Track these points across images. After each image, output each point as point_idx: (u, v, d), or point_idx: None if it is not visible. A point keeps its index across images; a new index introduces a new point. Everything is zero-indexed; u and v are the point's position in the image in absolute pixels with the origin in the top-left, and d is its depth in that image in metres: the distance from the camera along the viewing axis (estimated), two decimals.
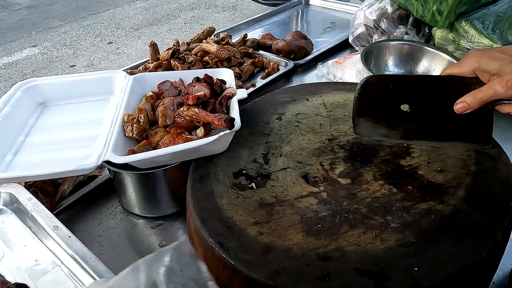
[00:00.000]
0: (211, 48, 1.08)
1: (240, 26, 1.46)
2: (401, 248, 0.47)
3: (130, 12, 5.08)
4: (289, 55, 1.19)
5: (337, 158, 0.62)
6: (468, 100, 0.54)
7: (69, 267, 0.49)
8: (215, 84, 0.74)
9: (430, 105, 0.58)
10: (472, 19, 0.98)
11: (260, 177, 0.59)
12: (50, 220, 0.53)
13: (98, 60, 3.87)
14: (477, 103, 0.53)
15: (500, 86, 0.50)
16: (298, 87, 0.83)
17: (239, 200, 0.55)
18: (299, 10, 1.67)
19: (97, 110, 0.77)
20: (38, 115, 0.77)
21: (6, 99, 0.73)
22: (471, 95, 0.54)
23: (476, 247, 0.47)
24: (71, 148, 0.68)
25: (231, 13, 4.90)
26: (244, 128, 0.68)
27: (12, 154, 0.67)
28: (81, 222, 0.69)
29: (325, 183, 0.58)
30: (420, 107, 0.59)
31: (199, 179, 0.59)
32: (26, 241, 0.53)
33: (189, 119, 0.68)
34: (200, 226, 0.51)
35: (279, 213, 0.53)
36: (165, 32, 4.47)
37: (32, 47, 4.21)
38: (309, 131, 0.69)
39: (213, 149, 0.63)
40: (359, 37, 1.20)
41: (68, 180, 0.72)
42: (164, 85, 0.77)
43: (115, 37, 4.40)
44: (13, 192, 0.57)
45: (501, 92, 0.51)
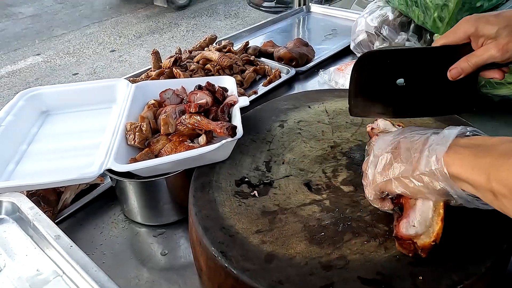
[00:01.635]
0: (213, 55, 1.09)
1: (241, 33, 1.47)
2: (405, 256, 0.47)
3: (133, 21, 5.13)
4: (291, 62, 1.19)
5: (340, 166, 0.62)
6: (462, 65, 0.54)
7: (70, 276, 0.49)
8: (217, 92, 0.75)
9: (424, 78, 0.58)
10: None
11: (262, 185, 0.59)
12: (52, 230, 0.53)
13: (100, 68, 3.89)
14: (470, 68, 0.54)
15: (496, 50, 0.51)
16: (300, 94, 0.83)
17: (241, 209, 0.55)
18: (300, 17, 1.68)
19: (100, 118, 0.77)
20: (40, 124, 0.77)
21: (9, 108, 0.73)
22: (465, 60, 0.54)
23: (481, 255, 0.46)
24: (73, 157, 0.68)
25: (232, 21, 4.94)
26: (246, 136, 0.68)
27: (14, 163, 0.67)
28: (83, 231, 0.69)
29: (327, 190, 0.57)
30: (415, 81, 0.58)
31: (201, 187, 0.59)
32: (28, 250, 0.53)
33: (191, 127, 0.68)
34: (202, 234, 0.51)
35: (282, 221, 0.53)
36: (168, 40, 4.50)
37: (35, 56, 4.25)
38: (311, 138, 0.69)
39: (215, 157, 0.63)
40: (361, 44, 1.20)
41: (70, 189, 0.72)
42: (166, 93, 0.77)
43: (117, 45, 4.43)
44: (15, 201, 0.57)
45: (497, 55, 0.51)
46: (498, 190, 0.36)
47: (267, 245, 0.49)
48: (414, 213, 0.46)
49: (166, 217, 0.69)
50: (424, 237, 0.44)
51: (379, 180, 0.49)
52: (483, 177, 0.37)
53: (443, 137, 0.44)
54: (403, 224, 0.46)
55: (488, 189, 0.37)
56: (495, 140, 0.40)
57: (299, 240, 0.50)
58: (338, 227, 0.51)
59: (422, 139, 0.46)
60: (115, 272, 0.61)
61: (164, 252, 0.65)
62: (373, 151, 0.51)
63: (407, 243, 0.45)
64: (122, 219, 0.71)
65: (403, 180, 0.46)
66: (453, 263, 0.45)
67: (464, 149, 0.41)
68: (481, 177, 0.37)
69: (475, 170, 0.38)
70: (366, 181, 0.52)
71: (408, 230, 0.45)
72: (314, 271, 0.46)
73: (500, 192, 0.36)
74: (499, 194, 0.36)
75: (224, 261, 0.47)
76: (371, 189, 0.50)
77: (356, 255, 0.47)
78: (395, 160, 0.47)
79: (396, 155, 0.47)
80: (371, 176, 0.50)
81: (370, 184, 0.50)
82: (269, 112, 0.76)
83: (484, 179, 0.37)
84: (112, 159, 0.61)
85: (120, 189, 0.67)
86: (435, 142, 0.44)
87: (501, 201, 0.36)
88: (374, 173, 0.49)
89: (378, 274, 0.45)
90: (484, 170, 0.37)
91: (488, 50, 0.52)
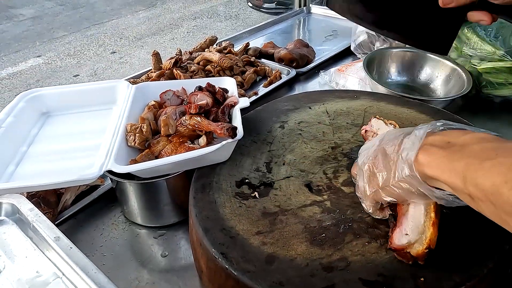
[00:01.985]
0: (213, 57, 1.09)
1: (242, 34, 1.47)
2: None
3: (133, 22, 5.13)
4: (291, 63, 1.19)
5: (341, 167, 0.62)
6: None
7: (70, 278, 0.49)
8: (218, 93, 0.74)
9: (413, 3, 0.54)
10: (475, 26, 0.98)
11: (263, 186, 0.59)
12: (52, 231, 0.53)
13: (101, 70, 3.90)
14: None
15: None
16: (301, 95, 0.83)
17: (242, 210, 0.55)
18: (301, 18, 1.68)
19: (100, 119, 0.77)
20: (41, 125, 0.77)
21: (9, 110, 0.73)
22: None
23: (483, 257, 0.46)
24: (73, 158, 0.68)
25: (233, 22, 4.94)
26: (247, 137, 0.68)
27: (14, 164, 0.67)
28: (83, 232, 0.69)
29: (328, 191, 0.57)
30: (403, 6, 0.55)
31: (201, 188, 0.59)
32: (28, 252, 0.53)
33: (191, 128, 0.68)
34: (202, 236, 0.51)
35: (283, 222, 0.52)
36: (168, 41, 4.50)
37: (36, 57, 4.26)
38: (312, 139, 0.69)
39: (216, 158, 0.63)
40: (361, 45, 1.20)
41: (70, 190, 0.72)
42: (166, 95, 0.77)
43: (118, 46, 4.43)
44: (15, 203, 0.57)
45: None
46: (474, 194, 0.36)
47: (268, 247, 0.49)
48: (407, 220, 0.46)
49: (166, 218, 0.69)
50: (417, 245, 0.44)
51: (369, 192, 0.49)
52: (459, 180, 0.37)
53: (414, 138, 0.43)
54: (396, 235, 0.46)
55: (465, 192, 0.37)
56: (467, 138, 0.39)
57: (300, 241, 0.49)
58: (339, 228, 0.51)
59: (397, 143, 0.46)
60: (115, 274, 0.61)
61: (164, 253, 0.65)
62: (357, 163, 0.51)
63: (402, 253, 0.45)
64: (123, 221, 0.71)
65: (387, 188, 0.46)
66: (454, 265, 0.45)
67: (438, 149, 0.40)
68: (458, 180, 0.37)
69: (452, 173, 0.38)
70: (360, 194, 0.52)
71: (400, 240, 0.45)
72: (315, 272, 0.45)
73: (476, 196, 0.36)
74: (476, 197, 0.36)
75: (224, 262, 0.47)
76: (367, 201, 0.51)
77: (357, 257, 0.47)
78: (377, 169, 0.48)
79: (377, 164, 0.48)
80: (361, 189, 0.50)
81: (364, 197, 0.51)
82: (270, 113, 0.76)
83: (461, 183, 0.37)
84: (112, 160, 0.61)
85: (120, 191, 0.67)
86: (407, 146, 0.44)
87: (478, 204, 0.36)
88: (363, 185, 0.50)
89: (380, 276, 0.45)
90: (460, 174, 0.37)
91: None
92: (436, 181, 0.40)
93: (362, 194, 0.51)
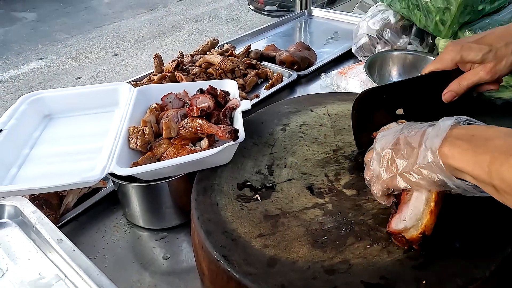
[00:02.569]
0: (215, 59, 1.09)
1: (243, 37, 1.48)
2: (409, 260, 0.46)
3: (135, 25, 5.15)
4: (293, 66, 1.19)
5: (342, 169, 0.62)
6: (455, 88, 0.59)
7: (72, 280, 0.49)
8: (219, 96, 0.75)
9: (421, 103, 0.62)
10: (476, 28, 0.98)
11: (264, 189, 0.59)
12: (54, 233, 0.53)
13: (103, 72, 3.91)
14: (462, 89, 0.59)
15: (484, 73, 0.57)
16: (302, 98, 0.83)
17: (243, 212, 0.55)
18: (302, 21, 1.69)
19: (102, 122, 0.77)
20: (43, 128, 0.77)
21: (12, 112, 0.74)
22: (456, 83, 0.59)
23: (486, 259, 0.46)
24: (75, 161, 0.68)
25: (234, 25, 4.95)
26: (248, 140, 0.68)
27: (17, 167, 0.67)
28: (85, 235, 0.69)
29: (330, 194, 0.57)
30: (413, 107, 0.62)
31: (203, 191, 0.59)
32: (30, 254, 0.53)
33: (193, 131, 0.68)
34: (204, 238, 0.51)
35: (284, 225, 0.52)
36: (170, 44, 4.52)
37: (38, 60, 4.27)
38: (314, 142, 0.69)
39: (217, 160, 0.63)
40: (363, 48, 1.20)
41: (72, 193, 0.72)
42: (168, 98, 0.77)
43: (120, 49, 4.45)
44: (17, 205, 0.57)
45: (487, 77, 0.57)
46: (500, 187, 0.37)
47: (270, 249, 0.49)
48: (407, 208, 0.47)
49: (168, 221, 0.69)
50: (412, 230, 0.46)
51: (384, 176, 0.49)
52: (484, 173, 0.38)
53: (438, 129, 0.44)
54: (395, 220, 0.48)
55: (490, 184, 0.38)
56: (492, 133, 0.41)
57: (301, 244, 0.49)
58: (341, 231, 0.51)
59: (420, 132, 0.47)
60: (117, 276, 0.61)
61: (166, 256, 0.65)
62: (375, 148, 0.52)
63: (398, 237, 0.47)
64: (124, 223, 0.71)
65: (405, 175, 0.47)
66: (457, 267, 0.45)
67: (462, 141, 0.42)
68: (483, 173, 0.39)
69: (476, 166, 0.39)
70: (370, 176, 0.53)
71: (397, 225, 0.47)
72: (317, 275, 0.45)
73: (502, 189, 0.37)
74: (501, 190, 0.37)
75: (226, 265, 0.47)
76: (378, 185, 0.51)
77: (359, 259, 0.47)
78: (397, 155, 0.48)
79: (397, 151, 0.48)
80: (376, 173, 0.51)
81: (376, 181, 0.51)
82: (271, 116, 0.76)
83: (486, 176, 0.38)
84: (114, 163, 0.61)
85: (122, 193, 0.67)
86: (431, 135, 0.45)
87: (504, 196, 0.38)
88: (378, 170, 0.50)
89: (382, 278, 0.44)
90: (484, 167, 0.38)
91: (477, 73, 0.58)
92: (460, 172, 0.42)
93: (375, 177, 0.51)
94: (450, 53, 0.59)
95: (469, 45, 0.58)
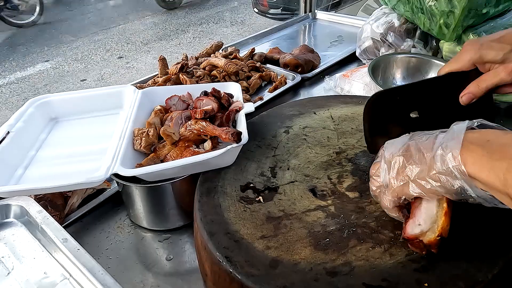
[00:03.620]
0: (219, 62, 1.10)
1: (248, 40, 1.48)
2: (411, 263, 0.46)
3: (140, 27, 5.18)
4: (297, 69, 1.20)
5: (345, 172, 0.62)
6: (473, 90, 0.55)
7: (77, 279, 0.49)
8: (223, 98, 0.75)
9: (437, 106, 0.59)
10: (480, 32, 0.98)
11: (267, 191, 0.59)
12: (59, 233, 0.53)
13: (108, 75, 3.93)
14: (481, 91, 0.55)
15: (505, 74, 0.52)
16: (306, 100, 0.83)
17: (246, 214, 0.55)
18: (306, 24, 1.69)
19: (107, 124, 0.78)
20: (49, 130, 0.79)
21: (19, 115, 0.75)
22: (475, 85, 0.55)
23: (488, 262, 0.46)
24: (80, 162, 0.69)
25: (239, 28, 4.97)
26: (252, 142, 0.68)
27: (23, 168, 0.68)
28: (90, 235, 0.70)
29: (333, 196, 0.58)
30: (429, 110, 0.59)
31: (206, 192, 0.59)
32: (36, 253, 0.53)
33: (196, 133, 0.69)
34: (207, 239, 0.51)
35: (287, 227, 0.53)
36: (174, 46, 4.54)
37: (44, 62, 4.31)
38: (317, 144, 0.69)
39: (221, 162, 0.63)
40: (366, 51, 1.20)
41: (77, 193, 0.73)
42: (172, 100, 0.78)
43: (125, 51, 4.48)
44: (23, 205, 0.58)
45: (508, 78, 0.52)
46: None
47: (272, 251, 0.49)
48: (420, 211, 0.46)
49: (171, 222, 0.69)
50: (429, 233, 0.44)
51: (395, 185, 0.47)
52: (498, 181, 0.37)
53: (453, 133, 0.42)
54: (409, 225, 0.46)
55: (505, 193, 0.36)
56: (508, 139, 0.39)
57: (304, 246, 0.50)
58: (343, 233, 0.51)
59: (431, 138, 0.45)
60: (121, 277, 0.61)
61: (169, 257, 0.65)
62: (383, 157, 0.49)
63: (415, 242, 0.45)
64: (128, 224, 0.72)
65: (420, 181, 0.44)
66: (459, 270, 0.45)
67: (477, 146, 0.40)
68: (497, 180, 0.37)
69: (491, 173, 0.37)
70: (376, 187, 0.50)
71: (413, 230, 0.45)
72: (319, 277, 0.45)
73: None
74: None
75: (229, 266, 0.47)
76: (389, 195, 0.48)
77: (361, 261, 0.47)
78: (408, 162, 0.46)
79: (408, 157, 0.46)
80: (385, 182, 0.48)
81: (385, 191, 0.48)
82: (275, 118, 0.77)
83: (501, 184, 0.36)
84: (119, 164, 0.62)
85: (126, 194, 0.68)
86: (447, 138, 0.42)
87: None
88: (388, 179, 0.48)
89: (384, 281, 0.45)
90: (499, 174, 0.36)
91: (498, 74, 0.53)
92: (474, 180, 0.40)
93: (384, 187, 0.49)
94: (468, 52, 0.55)
95: (489, 43, 0.54)
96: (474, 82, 0.55)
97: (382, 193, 0.50)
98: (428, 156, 0.43)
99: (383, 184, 0.49)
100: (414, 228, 0.46)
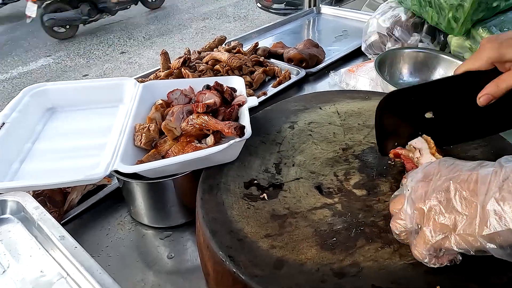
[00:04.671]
0: (222, 56, 1.08)
1: (251, 35, 1.46)
2: (422, 264, 0.44)
3: (142, 23, 5.17)
4: (301, 64, 1.18)
5: (352, 168, 0.60)
6: (492, 91, 0.51)
7: (74, 278, 0.48)
8: (226, 92, 0.73)
9: (453, 106, 0.57)
10: (490, 26, 0.95)
11: (272, 188, 0.58)
12: (56, 230, 0.52)
13: (110, 70, 3.92)
14: (500, 92, 0.51)
15: None
16: (311, 95, 0.81)
17: (250, 212, 0.53)
18: (310, 18, 1.67)
19: (106, 117, 0.76)
20: (45, 121, 0.76)
21: (14, 104, 0.72)
22: (494, 85, 0.51)
23: (503, 265, 0.44)
24: (79, 157, 0.67)
25: (242, 23, 4.94)
26: (256, 137, 0.67)
27: (19, 162, 0.66)
28: (89, 232, 0.68)
29: (339, 194, 0.56)
30: (444, 111, 0.57)
31: (209, 189, 0.57)
32: (32, 251, 0.52)
33: (198, 127, 0.67)
34: (209, 238, 0.49)
35: (292, 225, 0.51)
36: (177, 41, 4.52)
37: (46, 57, 4.30)
38: (323, 140, 0.67)
39: (223, 158, 0.61)
40: (372, 45, 1.18)
41: (76, 189, 0.71)
42: (174, 94, 0.76)
43: (127, 47, 4.46)
44: (20, 201, 0.56)
45: None
46: None
47: (277, 250, 0.47)
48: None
49: (173, 219, 0.68)
50: None
51: (433, 238, 0.41)
52: None
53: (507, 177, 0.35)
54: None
55: None
56: None
57: (310, 245, 0.48)
58: (351, 232, 0.49)
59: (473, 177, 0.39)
60: (121, 275, 0.60)
61: (170, 255, 0.64)
62: (409, 199, 0.43)
63: None
64: (129, 221, 0.70)
65: (467, 237, 0.38)
66: (472, 273, 0.43)
67: None
68: None
69: None
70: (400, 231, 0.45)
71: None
72: (326, 278, 0.44)
73: None
74: None
75: (232, 266, 0.45)
76: (422, 249, 0.42)
77: (370, 262, 0.45)
78: (447, 210, 0.40)
79: (447, 203, 0.40)
80: (414, 230, 0.43)
81: (415, 241, 0.43)
82: (279, 113, 0.75)
83: None
84: (119, 160, 0.60)
85: (127, 190, 0.66)
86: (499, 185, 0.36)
87: None
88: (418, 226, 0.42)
89: (393, 283, 0.43)
90: None
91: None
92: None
93: (411, 235, 0.43)
94: (487, 50, 0.51)
95: (510, 42, 0.50)
96: (493, 82, 0.51)
97: (410, 240, 0.44)
98: (475, 203, 0.38)
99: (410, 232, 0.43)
100: None
